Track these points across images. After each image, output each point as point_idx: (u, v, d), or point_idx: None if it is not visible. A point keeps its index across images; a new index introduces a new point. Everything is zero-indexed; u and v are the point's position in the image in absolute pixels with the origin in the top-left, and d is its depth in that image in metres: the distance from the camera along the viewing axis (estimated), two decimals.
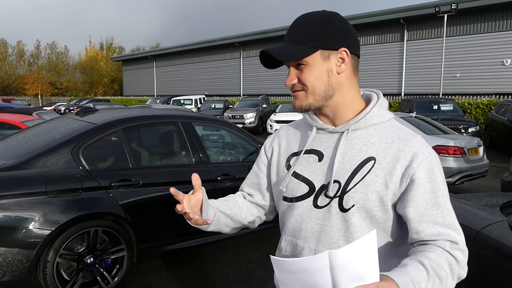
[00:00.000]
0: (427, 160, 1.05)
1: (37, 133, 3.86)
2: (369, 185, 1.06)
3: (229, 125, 4.71)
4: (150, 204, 3.58)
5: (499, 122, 12.21)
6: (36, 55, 58.89)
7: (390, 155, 1.07)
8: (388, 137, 1.10)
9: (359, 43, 1.15)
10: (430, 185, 1.04)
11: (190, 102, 23.96)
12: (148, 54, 40.02)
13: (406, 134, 1.10)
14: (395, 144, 1.08)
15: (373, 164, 1.07)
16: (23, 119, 7.16)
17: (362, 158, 1.08)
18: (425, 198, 1.04)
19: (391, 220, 1.10)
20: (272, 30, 27.81)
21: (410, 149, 1.06)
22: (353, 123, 1.12)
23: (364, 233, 1.07)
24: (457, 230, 1.04)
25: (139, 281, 3.75)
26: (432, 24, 20.35)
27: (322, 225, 1.12)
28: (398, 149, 1.07)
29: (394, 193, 1.06)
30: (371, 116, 1.12)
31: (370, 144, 1.10)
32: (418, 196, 1.03)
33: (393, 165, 1.05)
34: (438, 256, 0.99)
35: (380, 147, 1.08)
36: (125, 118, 3.79)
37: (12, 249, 2.92)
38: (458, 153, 6.74)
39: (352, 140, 1.12)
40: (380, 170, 1.06)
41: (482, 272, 2.76)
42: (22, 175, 3.07)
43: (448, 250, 1.01)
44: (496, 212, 2.95)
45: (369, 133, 1.11)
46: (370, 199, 1.06)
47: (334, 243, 1.11)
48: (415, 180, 1.03)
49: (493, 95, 18.17)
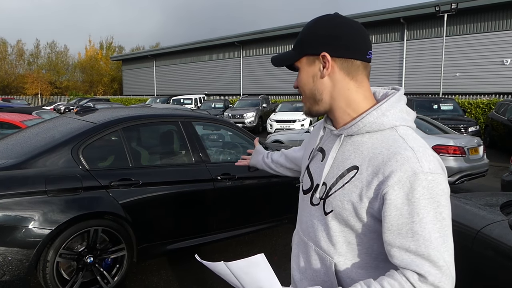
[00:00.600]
0: (408, 180, 0.92)
1: (36, 133, 3.86)
2: (346, 194, 1.04)
3: (229, 124, 4.71)
4: (150, 203, 3.58)
5: (499, 121, 12.20)
6: (35, 55, 58.87)
7: (372, 167, 0.99)
8: (378, 147, 1.01)
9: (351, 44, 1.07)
10: (407, 208, 0.93)
11: (190, 102, 23.95)
12: (148, 54, 40.01)
13: (398, 146, 0.98)
14: (381, 156, 0.99)
15: (355, 174, 1.03)
16: (22, 119, 7.15)
17: (348, 166, 1.06)
18: (398, 222, 0.94)
19: (372, 232, 1.04)
20: (271, 29, 27.79)
21: (392, 164, 0.95)
22: (346, 129, 1.08)
23: (343, 239, 1.08)
24: (434, 262, 0.91)
25: (139, 281, 3.75)
26: (432, 23, 20.35)
27: (312, 222, 1.17)
28: (381, 162, 0.98)
29: (371, 207, 1.00)
30: (363, 123, 1.05)
31: (359, 152, 1.05)
32: (390, 218, 0.95)
33: (371, 178, 0.99)
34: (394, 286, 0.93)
35: (366, 157, 1.02)
36: (125, 118, 3.79)
37: (12, 249, 2.91)
38: (458, 153, 6.74)
39: (345, 146, 1.09)
40: (359, 181, 1.01)
41: (482, 272, 2.76)
42: (21, 175, 3.07)
43: (413, 283, 0.92)
44: (496, 212, 2.95)
45: (362, 141, 1.06)
46: (345, 208, 1.04)
47: (318, 242, 1.14)
48: (387, 200, 0.94)
49: (493, 94, 18.16)
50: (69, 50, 66.59)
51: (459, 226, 3.01)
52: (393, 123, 1.04)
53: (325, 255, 1.11)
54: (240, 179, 4.19)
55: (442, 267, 0.91)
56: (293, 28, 25.95)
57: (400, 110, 1.07)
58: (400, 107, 1.08)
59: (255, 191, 4.35)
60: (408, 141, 1.00)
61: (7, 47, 56.41)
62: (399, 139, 1.00)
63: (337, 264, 1.09)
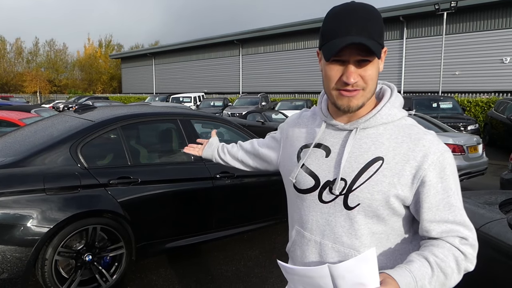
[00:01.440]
0: (438, 160, 1.04)
1: (35, 131, 3.85)
2: (375, 185, 1.06)
3: (228, 122, 4.70)
4: (149, 201, 3.57)
5: (498, 120, 12.21)
6: (34, 53, 58.74)
7: (400, 155, 1.06)
8: (399, 137, 1.08)
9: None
10: (441, 185, 1.04)
11: (189, 100, 23.94)
12: (147, 52, 39.96)
13: (417, 132, 1.08)
14: (405, 144, 1.07)
15: (381, 164, 1.06)
16: (21, 117, 7.14)
17: (370, 158, 1.07)
18: (436, 199, 1.04)
19: (401, 219, 1.11)
20: (270, 28, 27.75)
21: (421, 149, 1.05)
22: (363, 122, 1.10)
23: (369, 231, 1.09)
24: (468, 226, 1.06)
25: (137, 279, 3.75)
26: (432, 21, 20.34)
27: (327, 219, 1.14)
28: (408, 149, 1.06)
29: (403, 194, 1.05)
30: (381, 115, 1.10)
31: (379, 144, 1.08)
32: (430, 197, 1.04)
33: (402, 166, 1.05)
34: (445, 252, 1.02)
35: (389, 147, 1.07)
36: (124, 116, 3.78)
37: (10, 247, 2.91)
38: (457, 151, 6.74)
39: (360, 139, 1.10)
40: (387, 170, 1.05)
41: (481, 270, 2.76)
42: (20, 173, 3.06)
43: (457, 246, 1.03)
44: (495, 210, 2.95)
45: (378, 132, 1.10)
46: (376, 199, 1.06)
47: (337, 239, 1.12)
48: (426, 182, 1.04)
49: (492, 92, 18.17)
50: (68, 48, 66.53)
51: None
52: (401, 114, 1.13)
53: (348, 250, 1.11)
54: (239, 177, 4.19)
55: (472, 228, 1.07)
56: (293, 26, 25.92)
57: (400, 103, 1.16)
58: (400, 101, 1.16)
59: (254, 189, 4.35)
60: (420, 127, 1.11)
61: (6, 45, 56.31)
62: (413, 127, 1.10)
63: None
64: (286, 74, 26.92)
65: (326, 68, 1.07)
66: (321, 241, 1.15)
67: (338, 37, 1.01)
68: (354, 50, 1.01)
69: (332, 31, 1.04)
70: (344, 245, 1.11)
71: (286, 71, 27.00)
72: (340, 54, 1.02)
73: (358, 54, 1.01)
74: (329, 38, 1.04)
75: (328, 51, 1.02)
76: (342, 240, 1.11)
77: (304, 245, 1.20)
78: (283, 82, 27.14)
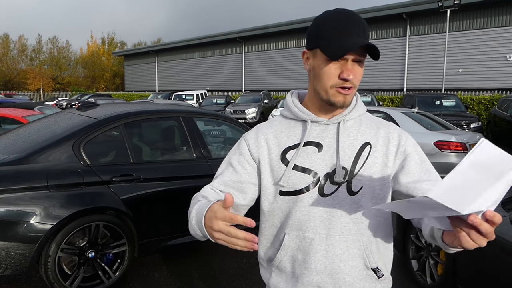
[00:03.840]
0: (409, 137, 1.22)
1: (38, 128, 3.86)
2: (371, 167, 1.17)
3: (231, 120, 4.71)
4: (151, 199, 3.58)
5: (502, 117, 12.17)
6: (38, 50, 58.88)
7: (382, 138, 1.20)
8: (373, 125, 1.24)
9: None
10: (418, 156, 1.19)
11: (192, 97, 23.93)
12: (149, 49, 39.97)
13: (383, 121, 1.27)
14: (381, 129, 1.22)
15: (370, 148, 1.18)
16: (24, 114, 7.17)
17: (359, 144, 1.19)
18: (418, 168, 1.17)
19: (389, 196, 1.20)
20: (273, 25, 27.70)
21: (394, 131, 1.22)
22: (346, 114, 1.21)
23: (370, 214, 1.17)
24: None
25: (140, 276, 3.76)
26: (435, 19, 20.25)
27: (331, 211, 1.16)
28: (385, 133, 1.21)
29: (391, 170, 1.18)
30: (357, 107, 1.23)
31: (362, 132, 1.21)
32: (412, 167, 1.17)
33: (386, 146, 1.19)
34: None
35: (371, 133, 1.21)
36: (126, 113, 3.79)
37: (14, 243, 2.93)
38: (459, 149, 6.73)
39: (346, 130, 1.21)
40: (377, 152, 1.18)
41: (483, 268, 2.76)
42: (23, 170, 3.08)
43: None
44: (498, 208, 2.94)
45: (358, 123, 1.23)
46: (374, 179, 1.16)
47: (345, 227, 1.16)
48: (408, 155, 1.18)
49: (495, 90, 18.09)
50: (71, 46, 66.49)
51: None
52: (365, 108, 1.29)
53: (356, 236, 1.16)
54: None
55: None
56: (295, 24, 25.86)
57: None
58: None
59: None
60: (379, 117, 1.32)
61: (9, 43, 56.44)
62: (375, 117, 1.30)
63: (369, 239, 1.18)
64: (289, 72, 26.87)
65: (325, 66, 1.12)
66: (328, 236, 1.16)
67: (343, 38, 1.07)
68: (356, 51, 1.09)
69: (335, 32, 1.09)
70: (351, 232, 1.15)
71: (288, 68, 26.95)
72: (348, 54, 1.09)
73: (357, 54, 1.09)
74: (333, 38, 1.09)
75: (337, 50, 1.07)
76: (349, 227, 1.16)
77: (307, 246, 1.18)
78: (285, 80, 27.10)
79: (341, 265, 1.16)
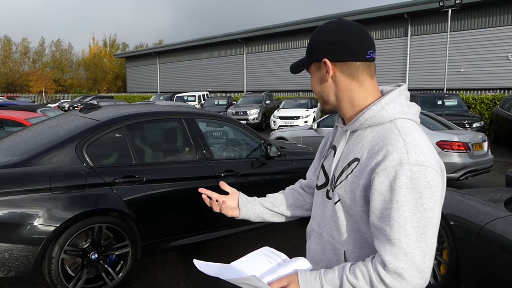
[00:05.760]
0: (394, 168, 0.99)
1: (41, 130, 3.88)
2: (349, 185, 1.13)
3: (232, 121, 4.71)
4: (154, 200, 3.59)
5: (504, 117, 12.13)
6: (40, 52, 59.00)
7: (368, 157, 1.08)
8: (376, 140, 1.09)
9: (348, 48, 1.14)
10: (390, 194, 1.00)
11: (194, 99, 23.95)
12: (151, 51, 40.02)
13: (392, 138, 1.05)
14: (377, 147, 1.07)
15: (356, 165, 1.12)
16: (27, 116, 7.19)
17: (350, 158, 1.15)
18: (382, 207, 1.02)
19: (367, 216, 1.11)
20: (274, 26, 27.70)
21: (383, 153, 1.03)
22: (350, 124, 1.18)
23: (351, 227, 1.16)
24: (402, 248, 0.97)
25: (143, 277, 3.77)
26: (436, 18, 20.21)
27: (326, 213, 1.25)
28: (375, 152, 1.06)
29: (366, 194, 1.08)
30: (364, 118, 1.13)
31: (360, 146, 1.13)
32: (375, 202, 1.03)
33: (365, 167, 1.08)
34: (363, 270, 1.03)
35: (366, 149, 1.10)
36: (129, 115, 3.80)
37: (18, 245, 2.94)
38: (462, 149, 6.72)
39: (350, 140, 1.19)
40: (359, 171, 1.10)
41: (486, 267, 2.75)
42: (26, 172, 3.09)
43: (378, 272, 1.00)
44: (501, 207, 2.94)
45: (364, 135, 1.14)
46: (348, 197, 1.13)
47: (331, 232, 1.22)
48: (373, 186, 1.03)
49: (497, 90, 18.04)
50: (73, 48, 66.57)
51: (463, 222, 3.00)
52: (393, 116, 1.11)
53: (337, 244, 1.20)
54: (243, 176, 4.20)
55: (408, 254, 0.96)
56: (297, 25, 25.87)
57: (400, 103, 1.13)
58: (400, 101, 1.14)
59: (258, 188, 4.36)
60: (403, 133, 1.06)
61: (12, 45, 56.60)
62: (395, 131, 1.07)
63: (346, 252, 1.16)
64: (290, 73, 26.84)
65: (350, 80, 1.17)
66: (322, 234, 1.26)
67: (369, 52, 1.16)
68: None
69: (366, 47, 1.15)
70: (334, 239, 1.21)
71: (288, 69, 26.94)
72: None
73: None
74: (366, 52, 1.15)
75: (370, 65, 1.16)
76: (333, 234, 1.21)
77: (309, 234, 1.35)
78: (287, 81, 27.08)
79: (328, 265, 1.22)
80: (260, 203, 1.45)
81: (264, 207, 1.45)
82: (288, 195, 1.51)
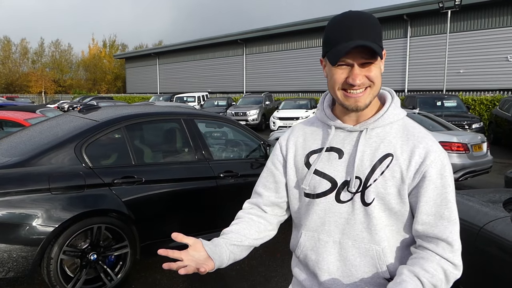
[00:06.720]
0: (439, 158, 1.11)
1: (40, 131, 3.88)
2: (388, 180, 1.13)
3: (232, 122, 4.71)
4: (153, 201, 3.59)
5: (503, 118, 12.15)
6: (39, 53, 59.00)
7: (407, 151, 1.13)
8: (404, 135, 1.16)
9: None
10: (441, 181, 1.10)
11: (193, 99, 23.95)
12: (151, 52, 40.03)
13: (419, 131, 1.16)
14: (411, 141, 1.14)
15: (391, 160, 1.13)
16: (26, 117, 7.19)
17: (380, 155, 1.15)
18: (435, 193, 1.10)
19: (408, 211, 1.16)
20: (274, 27, 27.71)
21: (424, 147, 1.12)
22: (372, 122, 1.17)
23: (384, 225, 1.15)
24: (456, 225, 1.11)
25: (142, 278, 3.77)
26: (436, 20, 20.24)
27: (346, 218, 1.18)
28: (413, 146, 1.13)
29: (409, 187, 1.13)
30: (388, 115, 1.18)
31: (387, 142, 1.16)
32: (429, 192, 1.10)
33: (409, 161, 1.12)
34: (434, 266, 1.08)
35: (397, 144, 1.15)
36: (128, 116, 3.80)
37: (16, 246, 2.94)
38: (461, 149, 6.72)
39: (370, 138, 1.18)
40: (397, 166, 1.13)
41: (485, 268, 2.75)
42: (25, 173, 3.09)
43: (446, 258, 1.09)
44: (499, 208, 2.94)
45: (386, 131, 1.17)
46: (389, 193, 1.13)
47: (358, 235, 1.17)
48: (427, 177, 1.10)
49: (497, 91, 18.07)
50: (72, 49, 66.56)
51: (462, 223, 3.00)
52: (403, 114, 1.21)
53: (369, 245, 1.16)
54: (242, 177, 4.20)
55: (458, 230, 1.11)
56: (297, 26, 25.86)
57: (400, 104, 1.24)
58: (399, 102, 1.24)
59: None
60: (421, 127, 1.20)
61: (11, 46, 56.59)
62: (415, 126, 1.19)
63: (383, 250, 1.16)
64: (290, 73, 26.87)
65: (331, 72, 1.14)
66: (341, 241, 1.19)
67: (341, 43, 1.08)
68: (357, 54, 1.08)
69: (335, 37, 1.10)
70: (364, 241, 1.17)
71: (289, 70, 26.95)
72: (344, 58, 1.09)
73: (361, 57, 1.09)
74: (333, 45, 1.11)
75: (334, 56, 1.09)
76: (363, 236, 1.17)
77: (321, 248, 1.23)
78: (287, 81, 27.10)
79: (353, 270, 1.18)
80: (226, 243, 1.25)
81: (232, 245, 1.25)
82: (250, 222, 1.34)
